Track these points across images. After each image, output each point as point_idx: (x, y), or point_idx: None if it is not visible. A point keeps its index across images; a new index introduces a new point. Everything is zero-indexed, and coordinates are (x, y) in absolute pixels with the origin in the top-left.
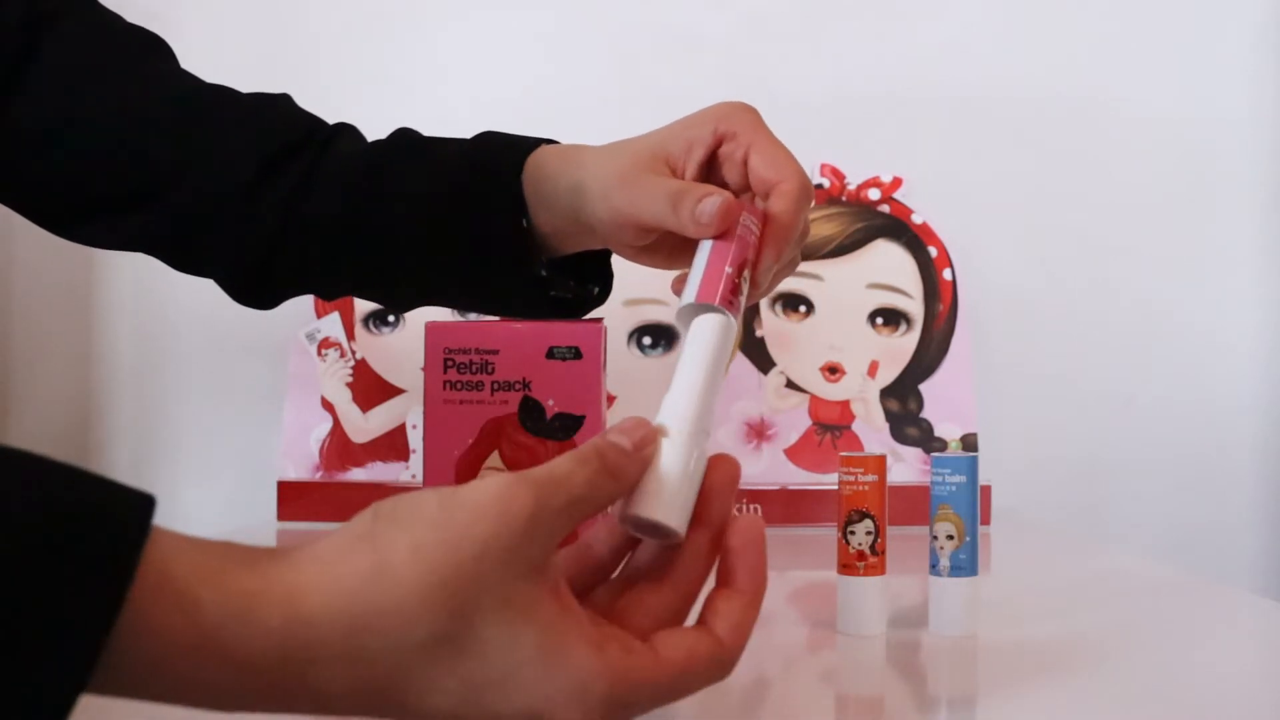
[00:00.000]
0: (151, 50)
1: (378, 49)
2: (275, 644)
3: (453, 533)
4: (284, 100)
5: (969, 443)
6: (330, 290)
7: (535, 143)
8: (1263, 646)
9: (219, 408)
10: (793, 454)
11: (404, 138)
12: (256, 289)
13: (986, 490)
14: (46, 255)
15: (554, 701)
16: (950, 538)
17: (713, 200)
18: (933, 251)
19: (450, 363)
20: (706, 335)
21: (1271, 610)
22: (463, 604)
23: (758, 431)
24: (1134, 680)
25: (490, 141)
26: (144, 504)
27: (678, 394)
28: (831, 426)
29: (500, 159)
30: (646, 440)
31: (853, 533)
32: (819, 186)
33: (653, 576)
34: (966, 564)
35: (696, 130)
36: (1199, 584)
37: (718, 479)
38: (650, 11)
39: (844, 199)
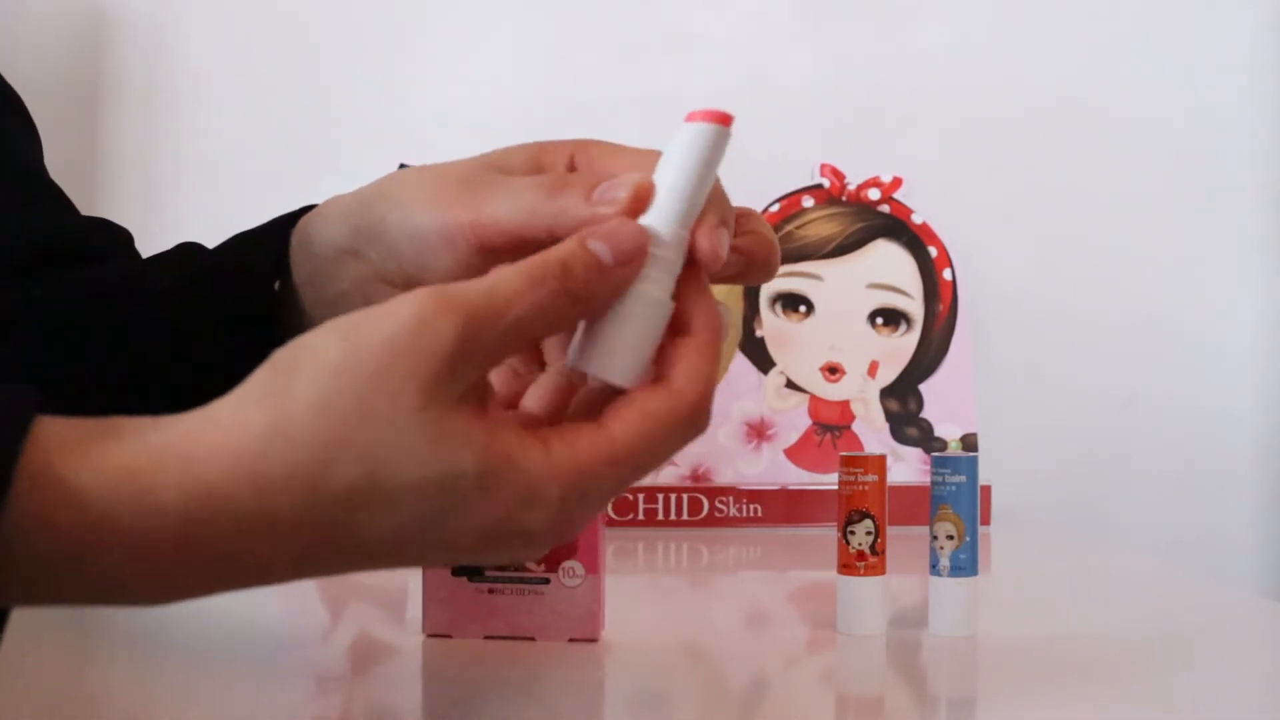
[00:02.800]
0: None
1: (378, 49)
2: (175, 521)
3: (359, 378)
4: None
5: (969, 443)
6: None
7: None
8: (1263, 647)
9: None
10: (792, 454)
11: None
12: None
13: (986, 490)
14: None
15: (507, 521)
16: (950, 538)
17: (627, 177)
18: (933, 251)
19: None
20: (698, 141)
21: (1271, 611)
22: (376, 456)
23: (757, 431)
24: (1134, 680)
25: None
26: (24, 400)
27: (661, 202)
28: (831, 426)
29: (265, 230)
30: (633, 255)
31: (853, 533)
32: (819, 186)
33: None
34: (966, 564)
35: (538, 148)
36: (1199, 584)
37: (702, 333)
38: (650, 11)
39: (844, 199)
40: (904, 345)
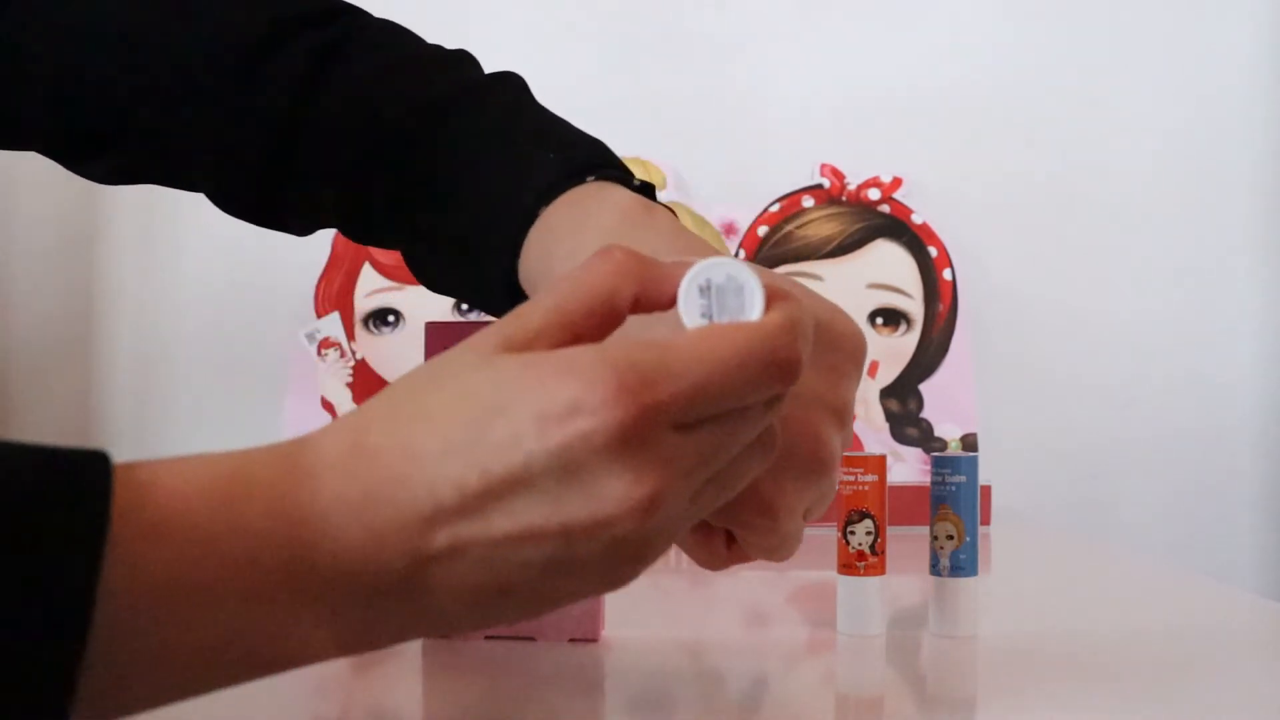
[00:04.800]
0: None
1: None
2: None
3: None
4: None
5: (969, 443)
6: (350, 212)
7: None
8: (1263, 646)
9: (219, 407)
10: None
11: (476, 84)
12: (261, 200)
13: (986, 490)
14: (47, 254)
15: (556, 417)
16: (950, 538)
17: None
18: (933, 251)
19: None
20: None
21: (1271, 610)
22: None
23: None
24: (1134, 680)
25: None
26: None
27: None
28: None
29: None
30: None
31: (853, 533)
32: (819, 186)
33: None
34: (966, 564)
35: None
36: (1199, 584)
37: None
38: (650, 11)
39: (844, 199)
40: (904, 345)
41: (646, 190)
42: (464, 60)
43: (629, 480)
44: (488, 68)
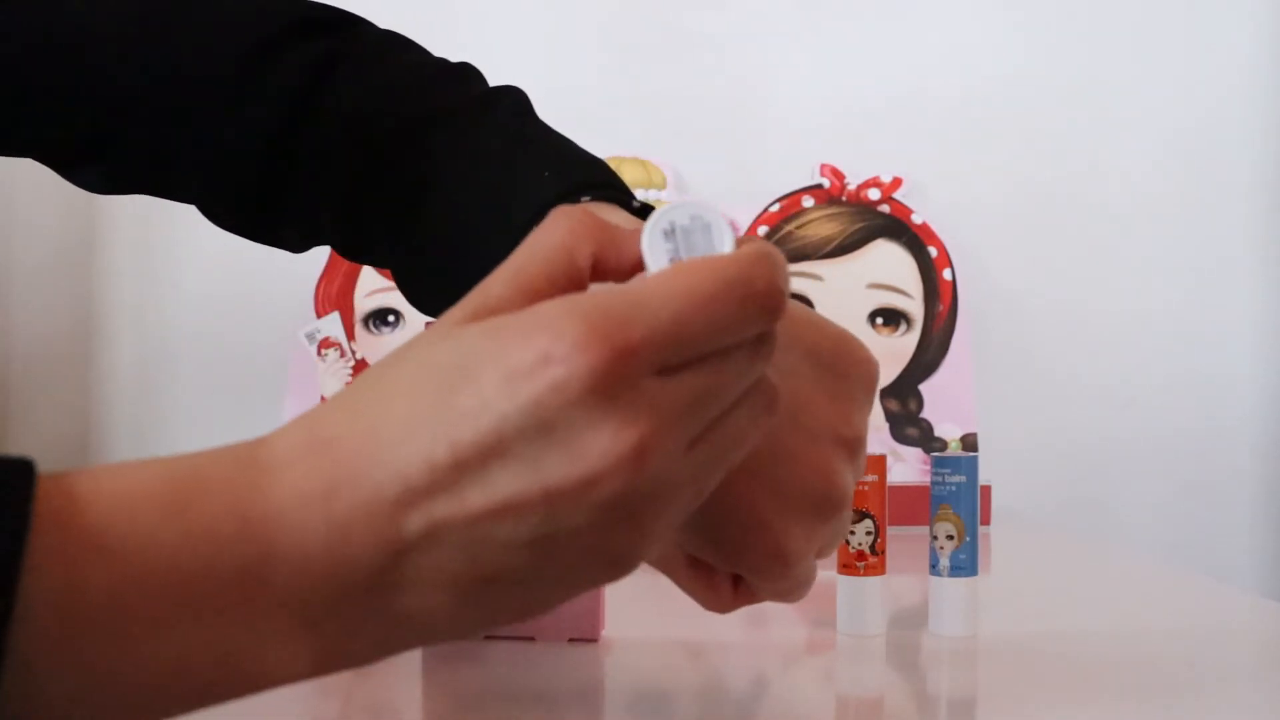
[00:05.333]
0: None
1: None
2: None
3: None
4: None
5: (969, 443)
6: (346, 230)
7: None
8: (1263, 646)
9: (219, 408)
10: None
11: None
12: (255, 215)
13: (986, 490)
14: (47, 256)
15: (526, 370)
16: (950, 538)
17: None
18: (933, 251)
19: None
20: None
21: (1271, 610)
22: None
23: None
24: (1134, 680)
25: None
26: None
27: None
28: None
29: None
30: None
31: (853, 533)
32: (819, 186)
33: None
34: (966, 564)
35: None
36: (1199, 584)
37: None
38: (650, 11)
39: (844, 199)
40: (904, 345)
41: (646, 213)
42: (466, 74)
43: (610, 431)
44: (488, 69)
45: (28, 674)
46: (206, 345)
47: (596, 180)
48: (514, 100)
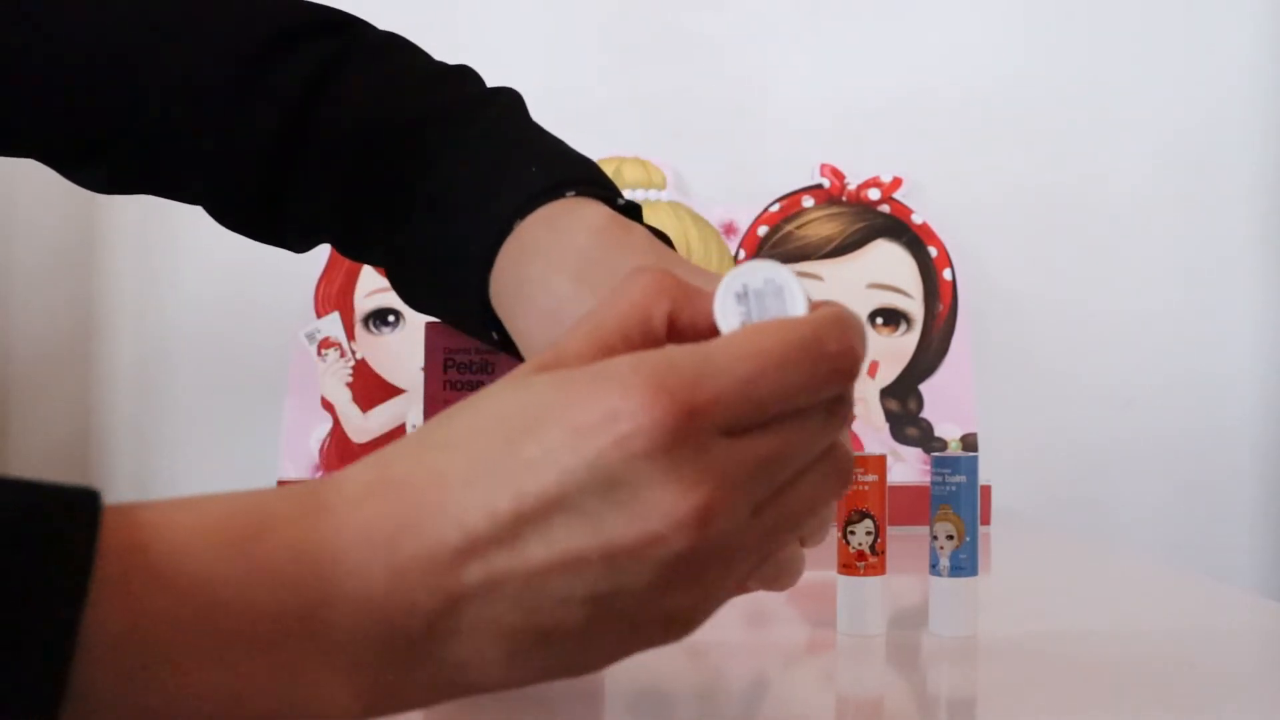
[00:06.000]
0: None
1: None
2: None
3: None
4: None
5: (969, 443)
6: (345, 228)
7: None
8: (1263, 646)
9: (219, 408)
10: None
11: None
12: (258, 214)
13: (986, 490)
14: (47, 256)
15: (593, 427)
16: (950, 538)
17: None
18: (933, 251)
19: (450, 363)
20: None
21: (1271, 610)
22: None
23: None
24: (1134, 680)
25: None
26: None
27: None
28: None
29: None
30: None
31: (853, 533)
32: (819, 186)
33: None
34: (966, 564)
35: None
36: (1199, 584)
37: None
38: (650, 12)
39: (844, 199)
40: (904, 345)
41: (631, 211)
42: (463, 75)
43: (675, 491)
44: (488, 69)
45: (83, 705)
46: (206, 345)
47: (581, 177)
48: (508, 101)
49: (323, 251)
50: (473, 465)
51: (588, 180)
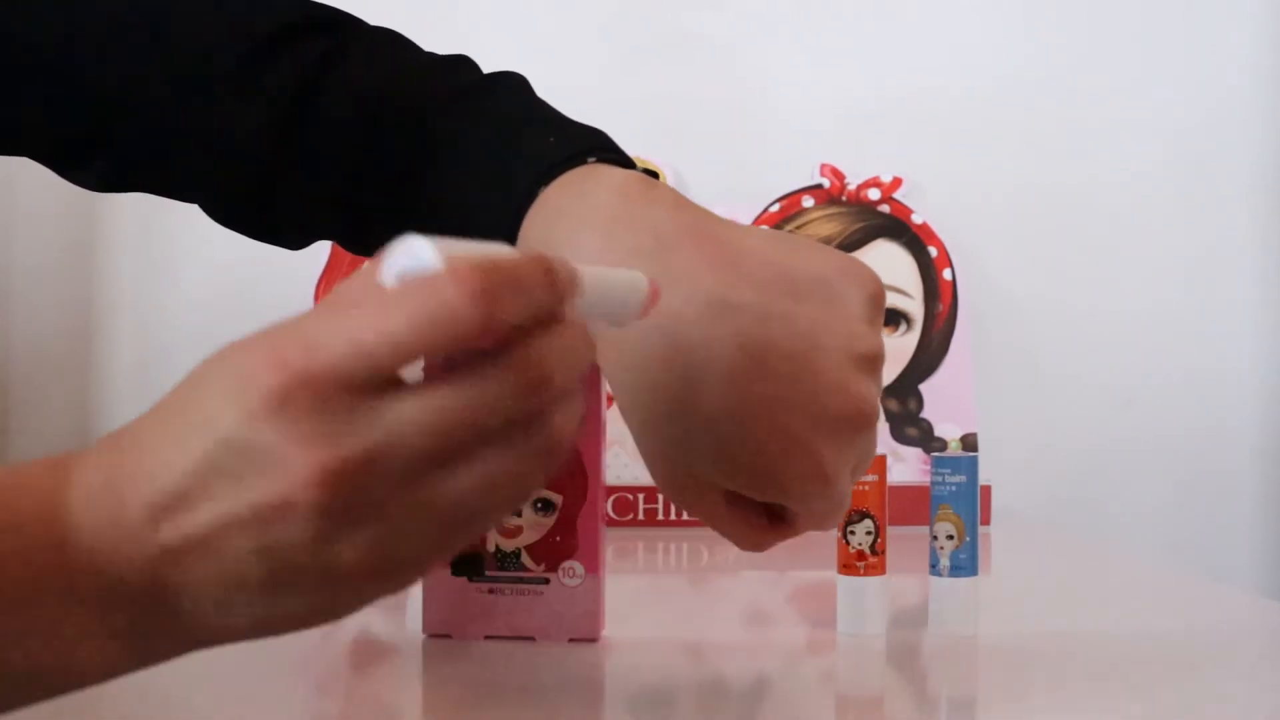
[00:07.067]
0: None
1: None
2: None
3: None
4: None
5: (969, 443)
6: (348, 222)
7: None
8: (1263, 646)
9: None
10: None
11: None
12: (256, 211)
13: (986, 490)
14: (47, 256)
15: (228, 395)
16: (950, 538)
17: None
18: (933, 251)
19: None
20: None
21: (1271, 610)
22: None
23: None
24: (1134, 680)
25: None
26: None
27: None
28: None
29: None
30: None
31: (853, 533)
32: (819, 186)
33: None
34: (966, 564)
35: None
36: (1199, 584)
37: None
38: (650, 12)
39: (844, 199)
40: (904, 345)
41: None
42: (463, 64)
43: (296, 450)
44: (487, 69)
45: None
46: (206, 345)
47: (600, 145)
48: (513, 81)
49: (323, 250)
50: (162, 425)
51: (606, 147)
